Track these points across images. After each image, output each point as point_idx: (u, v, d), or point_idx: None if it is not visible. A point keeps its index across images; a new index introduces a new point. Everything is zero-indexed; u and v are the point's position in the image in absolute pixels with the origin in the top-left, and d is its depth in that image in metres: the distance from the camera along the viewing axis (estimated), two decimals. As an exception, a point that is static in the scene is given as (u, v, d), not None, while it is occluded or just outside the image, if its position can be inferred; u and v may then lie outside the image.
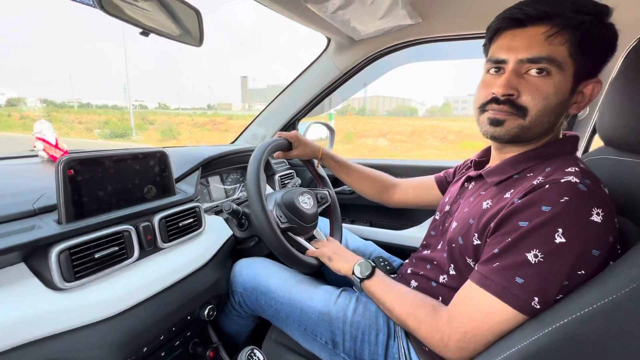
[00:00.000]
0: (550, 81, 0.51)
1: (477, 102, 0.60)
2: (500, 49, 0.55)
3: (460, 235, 0.61)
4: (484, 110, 0.58)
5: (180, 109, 52.37)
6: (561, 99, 0.52)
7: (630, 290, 0.39)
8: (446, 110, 39.56)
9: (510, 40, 0.54)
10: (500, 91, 0.53)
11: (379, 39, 1.14)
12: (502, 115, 0.55)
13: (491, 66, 0.57)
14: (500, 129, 0.56)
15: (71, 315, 0.53)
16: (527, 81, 0.52)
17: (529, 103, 0.52)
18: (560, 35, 0.50)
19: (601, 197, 0.47)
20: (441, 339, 0.53)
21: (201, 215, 0.82)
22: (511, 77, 0.53)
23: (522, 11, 0.52)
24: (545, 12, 0.50)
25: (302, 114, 1.44)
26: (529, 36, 0.51)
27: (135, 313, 0.61)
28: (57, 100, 57.38)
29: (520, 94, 0.53)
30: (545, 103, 0.52)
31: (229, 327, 0.93)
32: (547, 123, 0.54)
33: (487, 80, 0.57)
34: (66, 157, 0.57)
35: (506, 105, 0.54)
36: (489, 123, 0.57)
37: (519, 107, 0.53)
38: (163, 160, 0.76)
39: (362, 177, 1.02)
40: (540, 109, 0.52)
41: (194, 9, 0.78)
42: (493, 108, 0.56)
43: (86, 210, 0.60)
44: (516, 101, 0.53)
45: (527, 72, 0.53)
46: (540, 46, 0.50)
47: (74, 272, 0.54)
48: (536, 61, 0.51)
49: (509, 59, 0.53)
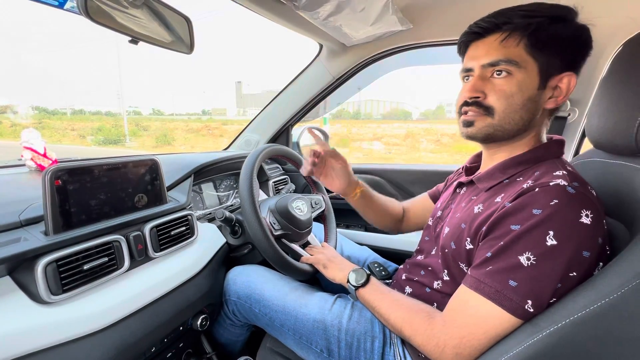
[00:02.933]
0: (512, 80, 0.55)
1: (456, 108, 0.65)
2: (468, 59, 0.61)
3: (452, 240, 0.61)
4: (460, 114, 0.62)
5: (174, 115, 52.20)
6: (528, 95, 0.56)
7: (621, 294, 0.39)
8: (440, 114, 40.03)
9: (473, 51, 0.60)
10: (467, 95, 0.59)
11: (370, 45, 1.15)
12: (471, 117, 0.60)
13: (463, 75, 0.63)
14: (472, 129, 0.60)
15: (59, 329, 0.52)
16: (492, 84, 0.57)
17: (494, 103, 0.57)
18: (511, 38, 0.55)
19: (589, 199, 0.47)
20: (437, 345, 0.52)
21: (193, 223, 0.81)
22: (476, 82, 0.58)
23: (477, 25, 0.59)
24: (494, 22, 0.56)
25: (295, 119, 1.44)
26: (487, 44, 0.58)
27: (125, 325, 0.60)
28: (49, 107, 56.90)
29: (487, 96, 0.58)
30: (510, 101, 0.56)
31: (222, 337, 0.91)
32: (520, 119, 0.57)
33: (462, 88, 0.63)
34: (53, 167, 0.56)
35: (473, 106, 0.59)
36: (462, 125, 0.62)
37: (486, 107, 0.58)
38: (154, 168, 0.75)
39: (381, 211, 0.95)
40: (505, 107, 0.56)
41: (184, 17, 0.77)
42: (465, 111, 0.61)
43: (74, 221, 0.59)
44: (483, 102, 0.58)
45: (492, 76, 0.58)
46: (496, 50, 0.56)
47: (61, 284, 0.53)
48: (495, 64, 0.56)
49: (474, 67, 0.59)
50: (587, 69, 0.91)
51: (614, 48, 0.86)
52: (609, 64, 0.60)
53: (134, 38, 0.68)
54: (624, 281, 0.39)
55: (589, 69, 0.91)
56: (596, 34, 0.55)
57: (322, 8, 0.85)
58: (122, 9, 0.66)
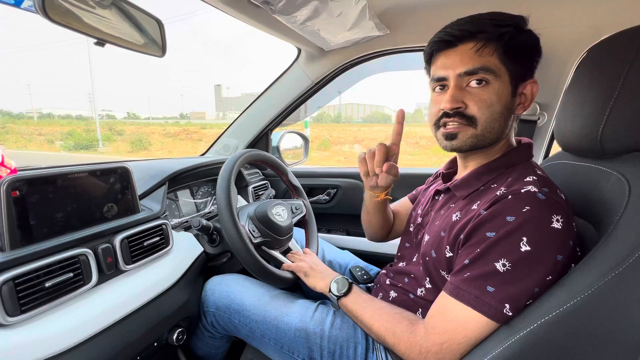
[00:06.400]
0: (490, 89, 0.55)
1: (430, 120, 0.63)
2: (439, 68, 0.59)
3: (433, 248, 0.62)
4: (438, 127, 0.61)
5: (150, 119, 50.54)
6: (505, 103, 0.56)
7: (590, 294, 0.40)
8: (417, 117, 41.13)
9: (445, 59, 0.58)
10: (447, 106, 0.57)
11: (349, 50, 1.16)
12: (455, 129, 0.58)
13: (435, 84, 0.61)
14: (456, 142, 0.59)
15: (16, 354, 0.47)
16: (470, 93, 0.56)
17: (477, 112, 0.56)
18: (487, 47, 0.54)
19: (559, 203, 0.49)
20: (420, 353, 0.52)
21: (168, 232, 0.77)
22: (455, 92, 0.56)
23: (448, 34, 0.57)
24: (469, 31, 0.55)
25: (274, 123, 1.42)
26: (461, 53, 0.56)
27: (92, 344, 0.56)
28: (13, 110, 53.62)
29: (467, 106, 0.56)
30: (492, 110, 0.56)
31: (201, 350, 0.88)
32: (499, 127, 0.58)
33: (435, 98, 0.61)
34: (10, 177, 0.52)
35: (456, 117, 0.57)
36: (445, 138, 0.60)
37: (468, 118, 0.57)
38: (125, 176, 0.71)
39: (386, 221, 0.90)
40: (488, 117, 0.56)
41: (156, 19, 0.75)
42: (445, 122, 0.59)
43: (35, 235, 0.55)
44: (465, 112, 0.57)
45: (468, 85, 0.56)
46: (472, 59, 0.55)
47: (19, 304, 0.49)
48: (473, 72, 0.55)
49: (449, 75, 0.57)
50: (554, 74, 0.96)
51: (578, 55, 0.90)
52: (574, 70, 0.62)
53: (101, 40, 0.64)
54: (592, 280, 0.41)
55: (555, 75, 0.95)
56: (562, 41, 0.57)
57: (299, 12, 0.84)
58: (88, 9, 0.62)
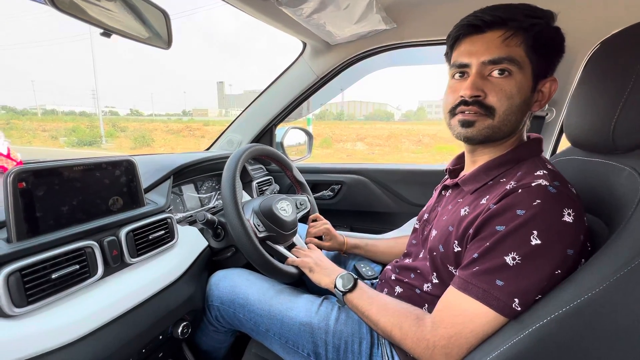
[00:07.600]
0: (512, 81, 0.54)
1: (446, 107, 0.61)
2: (462, 54, 0.57)
3: (440, 243, 0.61)
4: (454, 114, 0.59)
5: (154, 115, 50.70)
6: (524, 97, 0.55)
7: (602, 289, 0.40)
8: (421, 115, 41.02)
9: (470, 46, 0.56)
10: (467, 93, 0.55)
11: (354, 44, 1.15)
12: (472, 117, 0.57)
13: (456, 71, 0.59)
14: (471, 130, 0.57)
15: (23, 345, 0.47)
16: (491, 82, 0.55)
17: (496, 103, 0.55)
18: (515, 37, 0.53)
19: (570, 197, 0.48)
20: (427, 347, 0.52)
21: (173, 226, 0.77)
22: (476, 79, 0.55)
23: (478, 18, 0.55)
24: (500, 17, 0.53)
25: (279, 119, 1.42)
26: (488, 40, 0.54)
27: (98, 337, 0.56)
28: (18, 107, 53.99)
29: (487, 95, 0.55)
30: (511, 102, 0.54)
31: (205, 344, 0.88)
32: (515, 122, 0.56)
33: (454, 85, 0.59)
34: (16, 169, 0.51)
35: (475, 106, 0.56)
36: (461, 125, 0.58)
37: (487, 107, 0.55)
38: (130, 169, 0.71)
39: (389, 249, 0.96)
40: (506, 108, 0.55)
41: (162, 10, 0.74)
42: (462, 110, 0.57)
43: (41, 226, 0.55)
44: (484, 102, 0.55)
45: (490, 74, 0.55)
46: (499, 48, 0.53)
47: (26, 295, 0.49)
48: (497, 62, 0.53)
49: (472, 63, 0.56)
50: (563, 69, 0.95)
51: (588, 49, 0.88)
52: (584, 65, 0.61)
53: (107, 31, 0.64)
54: (604, 276, 0.40)
55: (565, 70, 0.94)
56: (571, 35, 0.56)
57: (305, 5, 0.83)
58: (94, 1, 0.62)
